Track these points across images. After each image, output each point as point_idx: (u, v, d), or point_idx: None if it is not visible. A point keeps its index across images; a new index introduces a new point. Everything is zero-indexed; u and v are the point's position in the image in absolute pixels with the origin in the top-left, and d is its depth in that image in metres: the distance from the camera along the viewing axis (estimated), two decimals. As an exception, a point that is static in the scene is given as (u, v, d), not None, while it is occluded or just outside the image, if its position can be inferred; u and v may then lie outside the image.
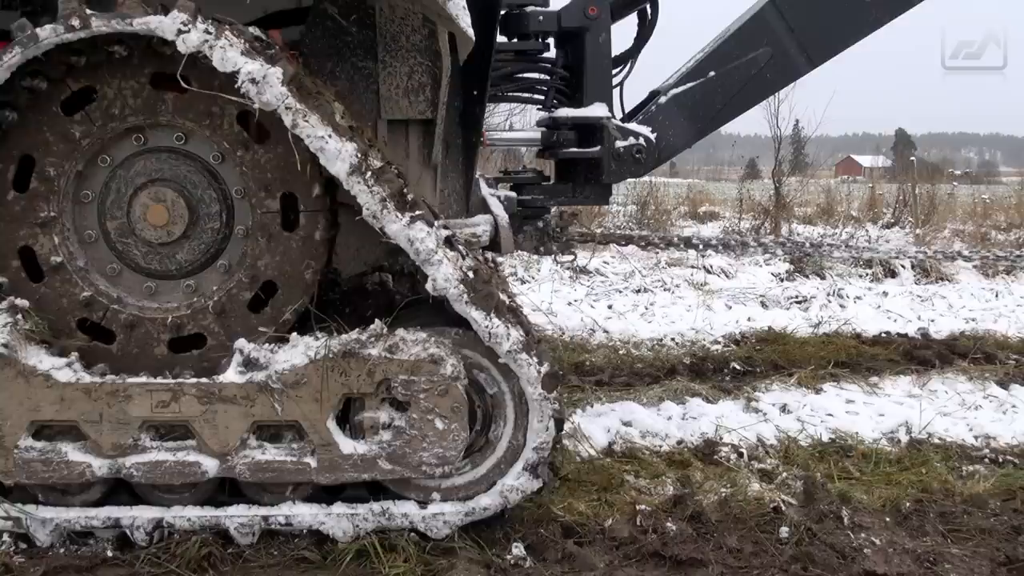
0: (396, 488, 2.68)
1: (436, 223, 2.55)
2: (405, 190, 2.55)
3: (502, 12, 3.71)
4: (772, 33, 3.94)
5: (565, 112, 3.90)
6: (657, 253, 8.08)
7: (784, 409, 4.17)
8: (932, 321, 6.50)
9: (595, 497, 3.09)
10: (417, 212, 2.52)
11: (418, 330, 2.57)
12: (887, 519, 3.01)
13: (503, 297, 2.64)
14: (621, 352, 5.35)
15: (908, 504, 3.12)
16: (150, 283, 2.66)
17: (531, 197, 3.97)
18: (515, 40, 3.90)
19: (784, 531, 2.85)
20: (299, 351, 2.53)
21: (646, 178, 15.63)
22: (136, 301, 2.64)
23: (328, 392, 2.52)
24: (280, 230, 2.62)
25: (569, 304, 6.69)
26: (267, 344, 2.57)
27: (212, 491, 2.64)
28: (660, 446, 3.68)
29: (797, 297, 7.19)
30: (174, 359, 2.63)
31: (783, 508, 3.01)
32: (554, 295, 6.87)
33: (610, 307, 6.73)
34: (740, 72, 3.95)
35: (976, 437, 3.89)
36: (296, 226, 2.63)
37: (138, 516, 2.57)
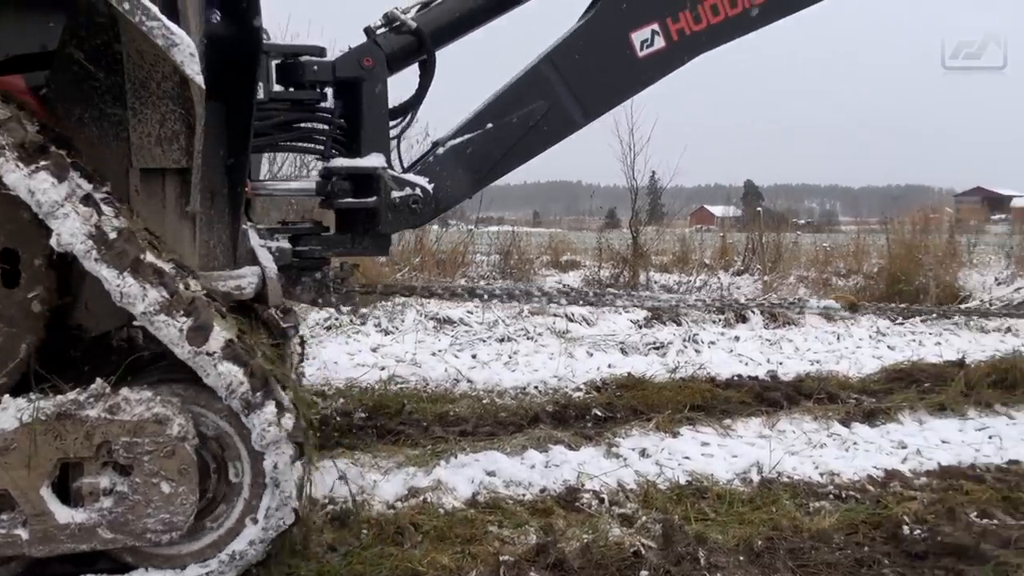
0: (134, 560, 2.54)
1: (72, 175, 2.37)
2: (34, 140, 2.37)
3: (276, 61, 3.72)
4: (548, 87, 4.03)
5: (340, 162, 3.86)
6: (519, 303, 8.17)
7: (643, 453, 4.27)
8: (780, 364, 6.82)
9: (459, 550, 3.07)
10: (44, 162, 2.34)
11: (144, 388, 2.45)
12: (741, 558, 3.11)
13: (151, 259, 2.44)
14: (485, 401, 5.36)
15: (760, 542, 3.24)
16: None
17: (309, 248, 3.89)
18: (291, 89, 3.84)
19: (644, 575, 2.90)
20: (9, 414, 2.36)
21: (508, 228, 15.90)
22: None
23: (40, 457, 2.35)
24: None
25: (433, 355, 6.67)
26: None
27: None
28: (523, 495, 3.69)
29: (655, 343, 7.40)
30: None
31: (643, 552, 3.07)
32: (418, 346, 6.84)
33: (474, 357, 6.75)
34: (517, 124, 4.01)
35: (821, 474, 4.08)
36: (16, 284, 2.45)
37: None
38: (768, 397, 5.55)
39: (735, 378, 6.20)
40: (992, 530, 3.39)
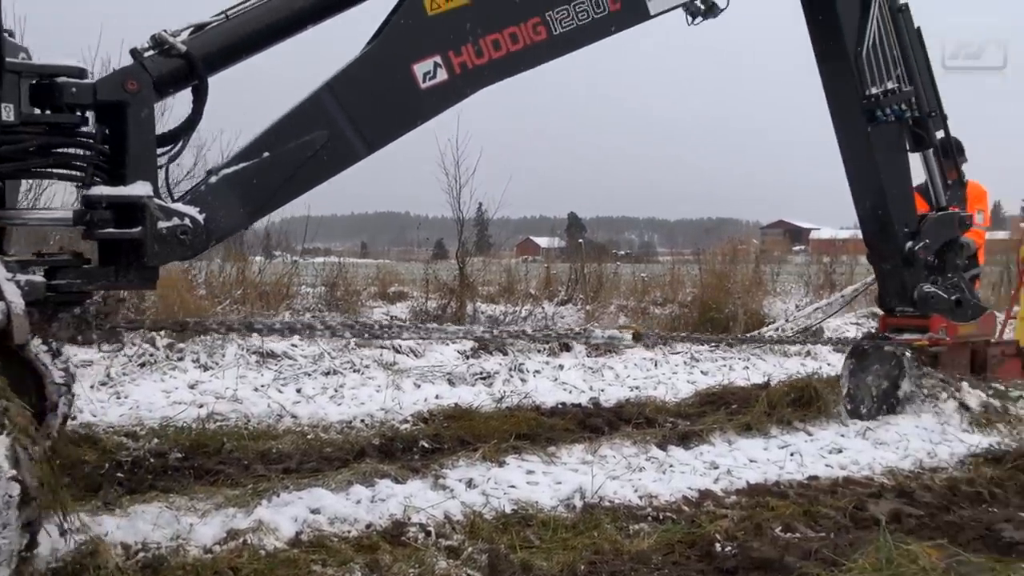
0: None
1: None
2: None
3: (33, 81, 3.50)
4: (328, 116, 4.00)
5: (102, 190, 3.63)
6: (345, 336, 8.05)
7: (470, 484, 4.29)
8: (602, 391, 7.05)
9: (280, 592, 2.97)
10: None
11: None
12: (565, 583, 3.17)
13: None
14: (310, 437, 5.25)
15: (583, 567, 3.32)
16: None
17: (67, 281, 3.61)
18: (47, 112, 3.59)
19: (470, 606, 2.91)
20: None
21: (335, 259, 15.68)
22: None
23: None
24: None
25: (256, 390, 6.47)
26: None
27: None
28: (349, 531, 3.62)
29: (482, 373, 7.48)
30: None
31: (469, 583, 3.08)
32: (240, 381, 6.61)
33: (299, 391, 6.60)
34: (295, 153, 3.94)
35: (641, 497, 4.22)
36: None
37: None
38: (591, 423, 5.71)
39: (559, 406, 6.34)
40: (795, 543, 3.61)
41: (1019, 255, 6.78)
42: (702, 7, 5.25)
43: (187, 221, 3.69)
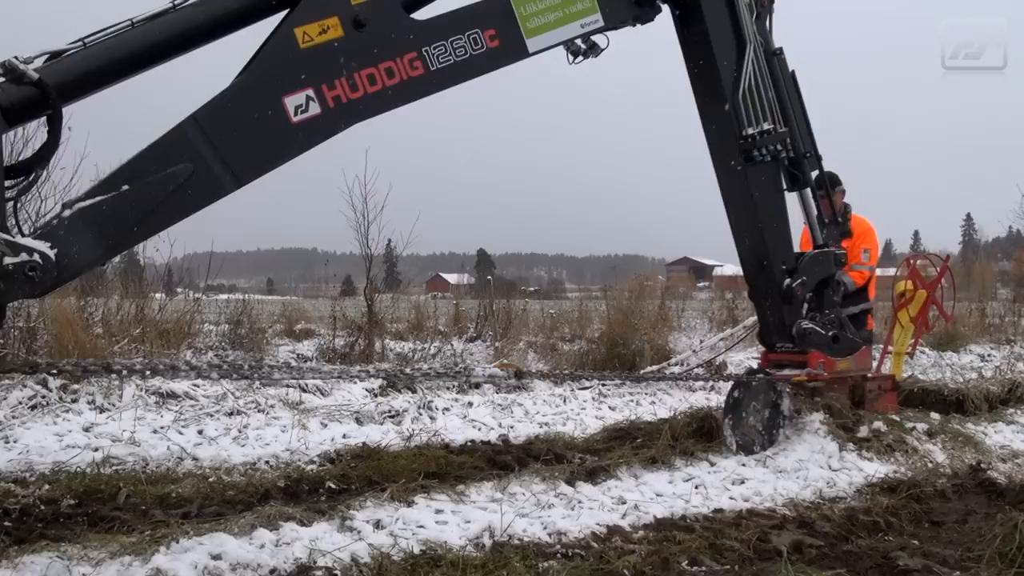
0: None
1: None
2: None
3: None
4: (193, 148, 3.88)
5: None
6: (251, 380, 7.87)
7: (378, 525, 4.22)
8: (512, 427, 7.06)
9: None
10: None
11: None
12: (474, 624, 3.14)
13: None
14: (212, 480, 5.09)
15: (492, 606, 3.29)
16: None
17: None
18: None
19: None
20: None
21: (239, 295, 15.36)
22: None
23: None
24: None
25: (155, 432, 6.25)
26: None
27: None
28: (252, 578, 3.52)
29: (390, 412, 7.40)
30: None
31: (376, 627, 3.02)
32: (138, 423, 6.39)
33: (200, 432, 6.40)
34: (157, 187, 3.78)
35: (550, 534, 4.22)
36: None
37: None
38: (500, 461, 5.70)
39: (469, 443, 6.32)
40: (700, 576, 3.67)
41: (895, 291, 7.08)
42: (583, 46, 5.34)
43: (36, 257, 3.48)
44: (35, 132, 4.18)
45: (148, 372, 4.30)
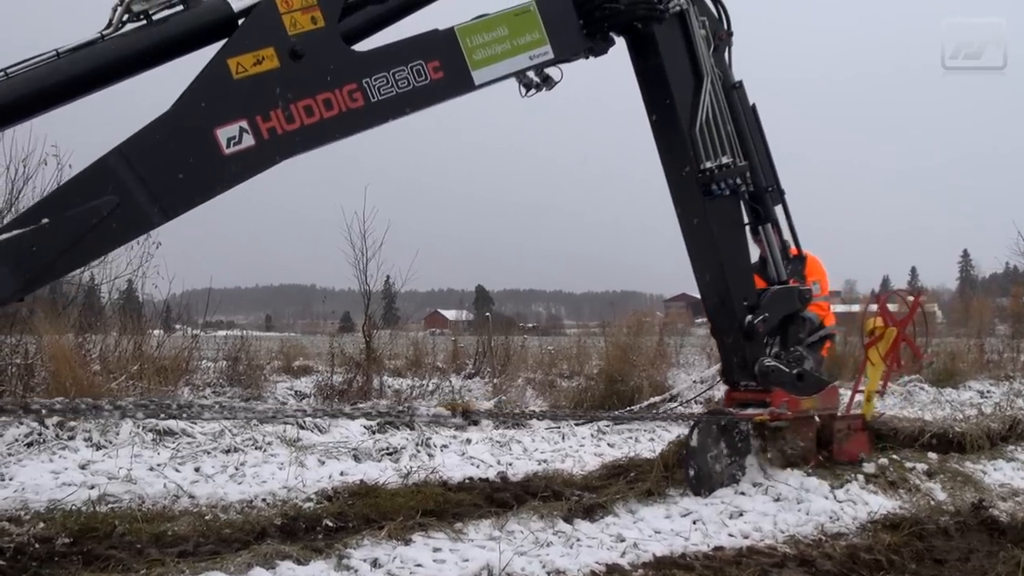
0: None
1: None
2: None
3: None
4: (118, 180, 3.82)
5: None
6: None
7: (375, 564, 4.19)
8: (510, 464, 7.02)
9: None
10: None
11: None
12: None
13: None
14: (208, 518, 5.05)
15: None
16: None
17: None
18: None
19: None
20: None
21: (238, 332, 15.34)
22: None
23: None
24: None
25: (151, 469, 6.22)
26: None
27: None
28: (248, 617, 3.49)
29: (388, 449, 7.37)
30: None
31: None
32: (134, 460, 6.35)
33: (197, 470, 6.37)
34: (78, 221, 3.74)
35: (548, 573, 4.20)
36: None
37: None
38: (498, 498, 5.67)
39: (467, 481, 6.29)
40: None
41: (864, 329, 7.03)
42: (536, 79, 5.27)
43: None
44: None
45: (141, 414, 4.26)
